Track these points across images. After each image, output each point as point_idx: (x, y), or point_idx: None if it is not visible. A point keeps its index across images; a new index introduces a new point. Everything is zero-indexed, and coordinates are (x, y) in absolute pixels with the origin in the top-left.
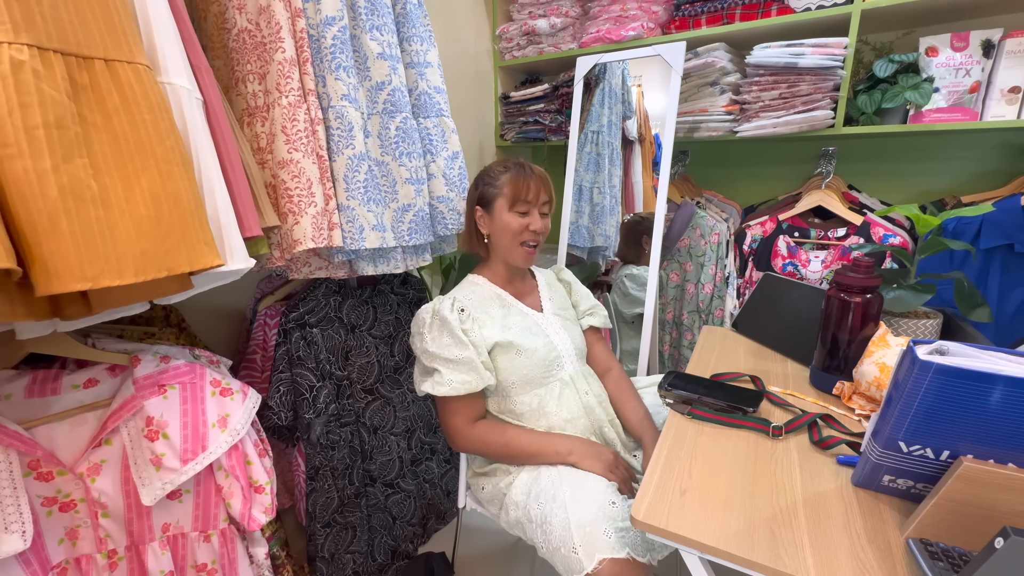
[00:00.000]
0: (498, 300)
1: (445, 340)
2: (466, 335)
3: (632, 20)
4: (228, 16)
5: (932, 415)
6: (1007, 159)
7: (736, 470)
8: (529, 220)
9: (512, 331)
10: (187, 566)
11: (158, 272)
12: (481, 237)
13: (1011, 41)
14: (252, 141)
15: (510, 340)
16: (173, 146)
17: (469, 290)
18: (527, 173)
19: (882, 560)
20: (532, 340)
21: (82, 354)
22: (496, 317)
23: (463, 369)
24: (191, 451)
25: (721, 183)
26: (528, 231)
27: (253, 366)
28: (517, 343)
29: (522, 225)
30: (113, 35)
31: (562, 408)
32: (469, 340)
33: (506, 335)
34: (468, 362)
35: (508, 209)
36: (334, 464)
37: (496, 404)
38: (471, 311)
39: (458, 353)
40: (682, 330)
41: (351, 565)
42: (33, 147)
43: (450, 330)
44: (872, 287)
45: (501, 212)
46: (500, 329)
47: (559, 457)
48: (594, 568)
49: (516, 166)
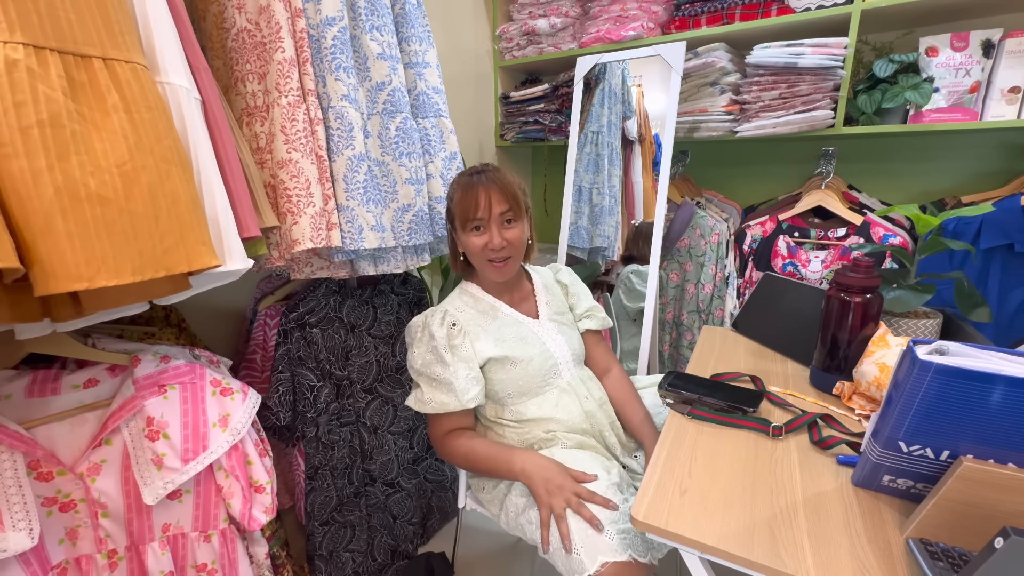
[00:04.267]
0: (491, 311)
1: (429, 358)
2: (456, 351)
3: (632, 20)
4: (228, 16)
5: (932, 415)
6: (1007, 159)
7: (736, 470)
8: (486, 238)
9: (506, 343)
10: (187, 566)
11: (156, 272)
12: (458, 254)
13: (1011, 41)
14: (251, 141)
15: (504, 354)
16: (171, 145)
17: (461, 301)
18: (473, 185)
19: (882, 560)
20: (527, 350)
21: (82, 354)
22: (490, 330)
23: (443, 390)
24: (192, 451)
25: (721, 183)
26: (487, 249)
27: (253, 366)
28: (512, 355)
29: (481, 244)
30: (111, 34)
31: (561, 413)
32: (458, 356)
33: (500, 349)
34: (447, 384)
35: (462, 230)
36: (334, 464)
37: (494, 410)
38: (463, 325)
39: (439, 373)
40: (682, 330)
41: (351, 564)
42: (28, 146)
43: (434, 347)
44: (872, 287)
45: (460, 233)
46: (493, 342)
47: (511, 474)
48: (596, 570)
49: (465, 178)
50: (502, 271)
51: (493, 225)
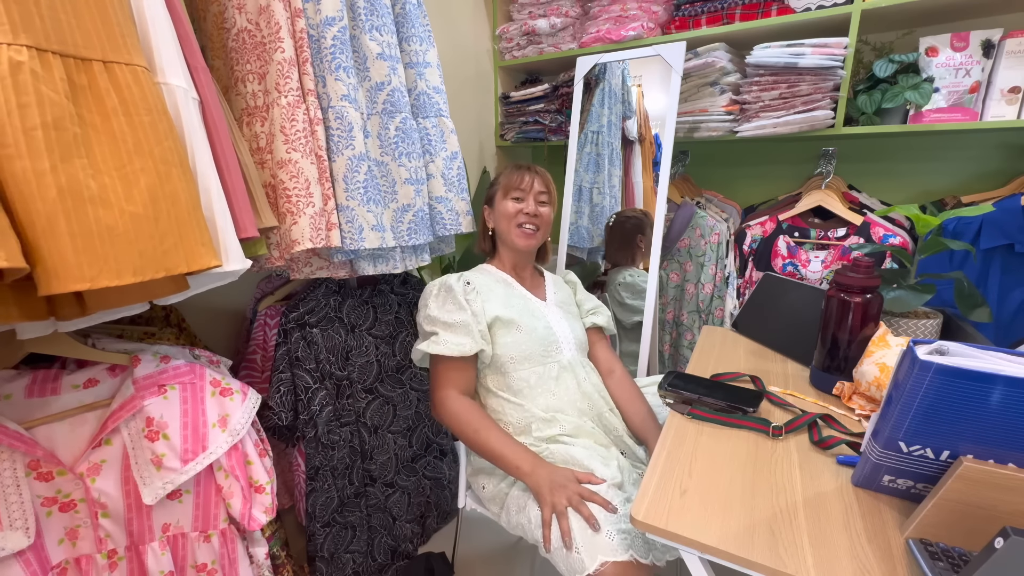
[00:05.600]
0: (504, 283)
1: (448, 306)
2: (468, 304)
3: (632, 20)
4: (227, 16)
5: (932, 415)
6: (1007, 159)
7: (736, 470)
8: (523, 205)
9: (514, 309)
10: (187, 566)
11: (156, 272)
12: (487, 231)
13: (1011, 41)
14: (251, 141)
15: (511, 316)
16: (171, 147)
17: (477, 272)
18: (522, 168)
19: (882, 560)
20: (532, 320)
21: (82, 354)
22: (500, 295)
23: (460, 332)
24: (191, 451)
25: (721, 183)
26: (522, 214)
27: (253, 366)
28: (517, 320)
29: (516, 209)
30: (111, 37)
31: (559, 389)
32: (470, 308)
33: (507, 311)
34: (465, 326)
35: (503, 198)
36: (334, 464)
37: (495, 380)
38: (476, 285)
39: (458, 317)
40: (682, 330)
41: (351, 565)
42: (31, 148)
43: (453, 296)
44: (872, 287)
45: (499, 202)
46: (502, 306)
47: (518, 472)
48: (596, 569)
49: (515, 164)
50: (529, 239)
51: (531, 197)
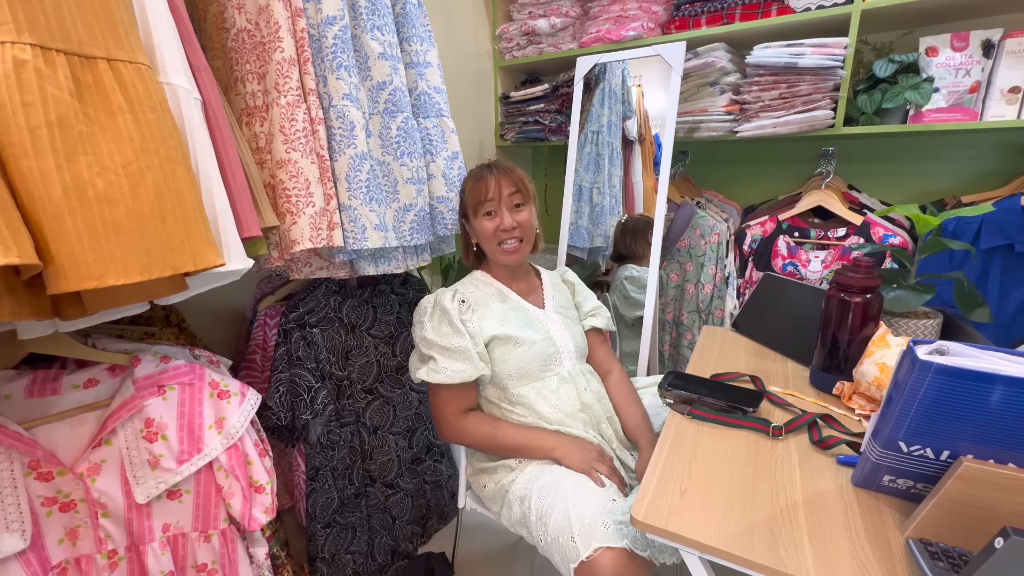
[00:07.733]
0: (499, 295)
1: (444, 329)
2: (464, 325)
3: (632, 20)
4: (227, 16)
5: (932, 415)
6: (1007, 159)
7: (736, 470)
8: (498, 220)
9: (511, 324)
10: (187, 566)
11: (163, 271)
12: (470, 245)
13: (1011, 41)
14: (251, 141)
15: (508, 333)
16: (176, 145)
17: (472, 284)
18: (483, 174)
19: (882, 560)
20: (531, 334)
21: (82, 354)
22: (496, 311)
23: (459, 358)
24: (187, 452)
25: (721, 183)
26: (499, 231)
27: (253, 366)
28: (515, 336)
29: (492, 227)
30: (115, 35)
31: (560, 401)
32: (467, 330)
33: (505, 328)
34: (464, 351)
35: (475, 216)
36: (334, 464)
37: (495, 393)
38: (471, 303)
39: (455, 342)
40: (682, 330)
41: (351, 565)
42: (36, 146)
43: (449, 319)
44: (872, 287)
45: (474, 220)
46: (499, 322)
47: (543, 452)
48: (589, 555)
49: (475, 170)
50: (513, 255)
51: (503, 208)
